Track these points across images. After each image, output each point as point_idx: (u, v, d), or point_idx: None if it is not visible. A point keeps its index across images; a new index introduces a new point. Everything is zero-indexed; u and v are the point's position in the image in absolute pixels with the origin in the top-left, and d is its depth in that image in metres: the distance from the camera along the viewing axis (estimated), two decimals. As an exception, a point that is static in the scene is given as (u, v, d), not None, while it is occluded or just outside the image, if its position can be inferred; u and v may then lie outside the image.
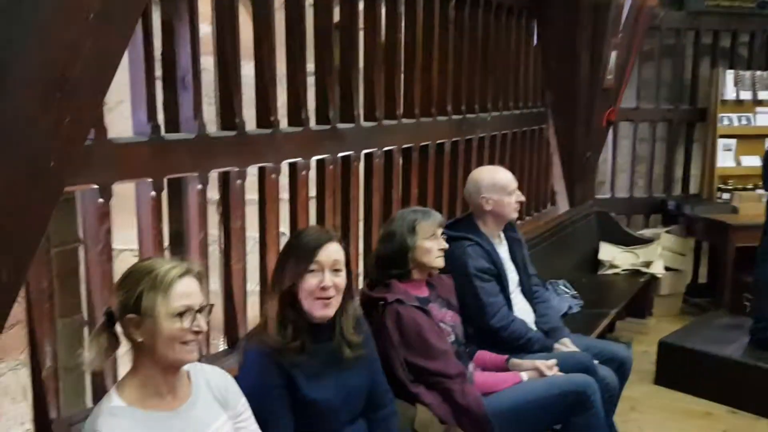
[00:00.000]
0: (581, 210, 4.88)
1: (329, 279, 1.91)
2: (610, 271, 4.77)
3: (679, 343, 3.99)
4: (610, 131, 5.34)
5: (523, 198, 3.03)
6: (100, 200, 1.82)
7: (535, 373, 2.58)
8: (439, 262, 2.55)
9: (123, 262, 1.97)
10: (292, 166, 2.48)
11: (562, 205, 4.86)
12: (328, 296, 1.91)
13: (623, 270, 4.76)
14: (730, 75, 5.42)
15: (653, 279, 4.85)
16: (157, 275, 1.57)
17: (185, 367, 1.66)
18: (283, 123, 2.48)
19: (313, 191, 2.68)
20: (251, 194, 2.39)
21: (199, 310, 1.59)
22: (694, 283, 5.51)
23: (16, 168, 1.41)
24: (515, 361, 2.67)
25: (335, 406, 1.97)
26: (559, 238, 4.40)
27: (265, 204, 2.36)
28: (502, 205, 2.94)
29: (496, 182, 2.94)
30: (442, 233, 2.58)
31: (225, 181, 2.22)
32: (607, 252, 4.85)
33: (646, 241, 4.97)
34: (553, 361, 2.62)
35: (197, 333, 1.58)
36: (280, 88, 2.46)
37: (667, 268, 4.96)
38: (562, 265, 4.35)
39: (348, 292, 2.00)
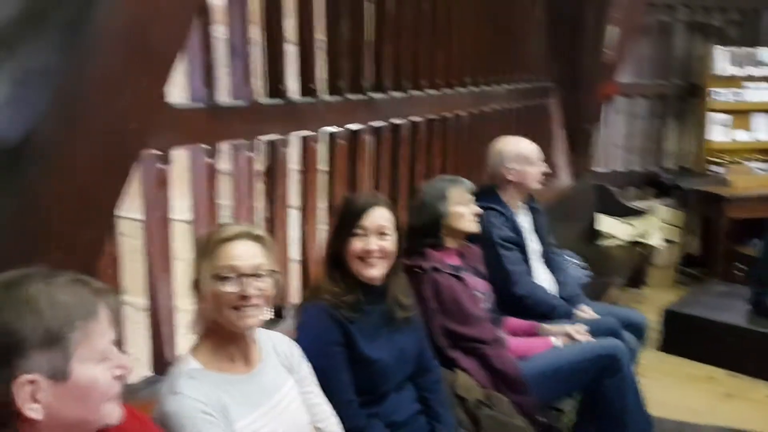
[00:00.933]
0: (581, 182, 4.95)
1: (374, 243, 1.95)
2: (608, 242, 4.86)
3: (684, 310, 4.09)
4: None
5: (546, 168, 3.07)
6: (160, 166, 1.80)
7: (565, 338, 2.63)
8: (474, 226, 2.57)
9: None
10: (331, 135, 2.47)
11: (563, 177, 4.93)
12: (373, 258, 1.95)
13: (621, 241, 4.86)
14: (720, 51, 5.52)
15: (651, 250, 4.96)
16: (208, 237, 1.58)
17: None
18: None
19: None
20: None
21: (255, 275, 1.56)
22: (685, 254, 5.65)
23: (100, 128, 1.40)
24: (545, 326, 2.71)
25: (390, 366, 2.00)
26: (561, 209, 4.46)
27: (306, 173, 2.36)
28: (525, 176, 2.96)
29: (519, 152, 2.96)
30: None
31: (271, 148, 2.21)
32: (606, 224, 4.94)
33: (642, 213, 5.06)
34: (582, 326, 2.67)
35: (245, 298, 1.54)
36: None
37: (663, 240, 5.09)
38: (565, 237, 4.41)
39: (398, 255, 2.03)
